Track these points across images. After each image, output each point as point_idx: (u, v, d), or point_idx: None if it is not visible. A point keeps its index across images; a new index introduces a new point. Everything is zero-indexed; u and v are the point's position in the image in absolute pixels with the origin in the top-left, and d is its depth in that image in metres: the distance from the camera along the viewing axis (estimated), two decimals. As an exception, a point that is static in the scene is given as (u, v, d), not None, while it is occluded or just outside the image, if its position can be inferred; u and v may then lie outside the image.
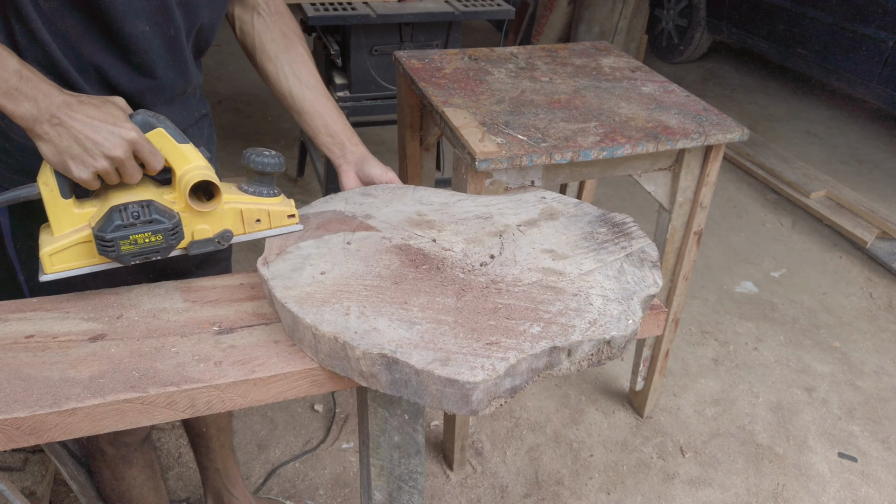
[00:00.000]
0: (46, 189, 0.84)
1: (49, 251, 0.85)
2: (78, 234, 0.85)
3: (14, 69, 0.78)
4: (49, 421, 0.73)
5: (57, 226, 0.85)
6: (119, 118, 0.82)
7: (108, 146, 0.80)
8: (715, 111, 1.66)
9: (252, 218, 0.93)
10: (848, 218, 3.20)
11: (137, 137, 0.82)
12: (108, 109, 0.82)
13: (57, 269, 0.86)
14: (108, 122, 0.81)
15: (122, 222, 0.83)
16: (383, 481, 0.99)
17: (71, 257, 0.86)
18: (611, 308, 0.86)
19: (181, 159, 0.87)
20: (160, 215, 0.85)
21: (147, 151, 0.84)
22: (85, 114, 0.80)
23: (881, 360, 2.50)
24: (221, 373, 0.79)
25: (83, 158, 0.80)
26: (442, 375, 0.73)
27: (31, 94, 0.79)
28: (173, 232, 0.86)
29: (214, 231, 0.91)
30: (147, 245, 0.85)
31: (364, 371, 0.78)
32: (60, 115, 0.79)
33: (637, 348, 2.10)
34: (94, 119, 0.81)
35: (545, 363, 0.80)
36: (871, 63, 3.89)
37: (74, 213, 0.85)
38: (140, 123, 0.84)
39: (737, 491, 1.98)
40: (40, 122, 0.79)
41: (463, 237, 1.00)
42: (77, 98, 0.82)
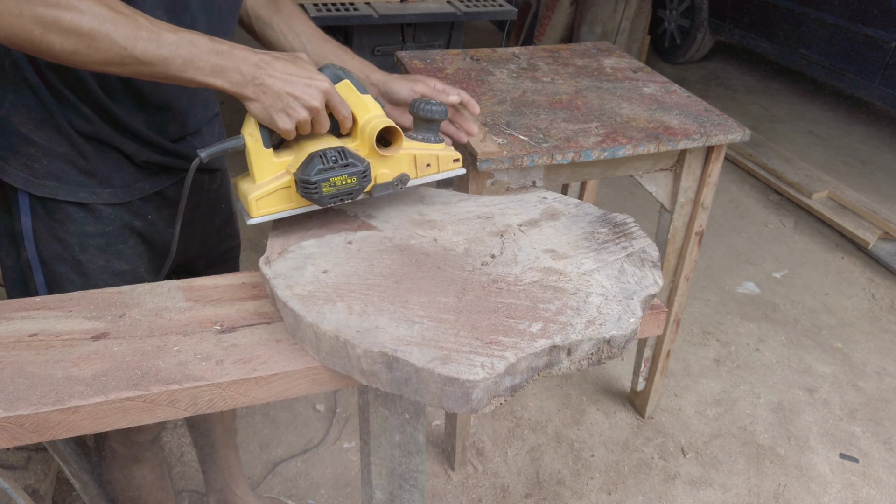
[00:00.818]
0: (252, 140, 0.91)
1: (255, 196, 0.91)
2: (278, 180, 0.92)
3: (209, 48, 0.84)
4: (52, 419, 0.74)
5: (259, 173, 0.92)
6: (312, 71, 0.89)
7: (307, 98, 0.87)
8: (716, 112, 1.67)
9: (423, 162, 0.99)
10: (850, 219, 3.20)
11: (330, 88, 0.89)
12: (300, 64, 0.89)
13: (263, 213, 0.93)
14: (302, 76, 0.87)
15: (322, 166, 0.89)
16: (384, 480, 0.99)
17: (274, 202, 0.93)
18: (611, 307, 0.86)
19: (363, 109, 0.93)
20: (354, 159, 0.91)
21: (338, 101, 0.90)
22: (282, 70, 0.86)
23: (883, 360, 2.50)
24: (223, 371, 0.79)
25: (287, 111, 0.87)
26: (442, 374, 0.73)
27: (233, 66, 0.85)
28: (365, 174, 0.92)
29: (394, 175, 0.97)
30: (344, 187, 0.91)
31: (365, 369, 0.78)
32: (261, 75, 0.85)
33: (638, 348, 2.10)
34: (291, 74, 0.87)
35: (545, 362, 0.80)
36: (874, 64, 3.89)
37: (274, 161, 0.92)
38: (329, 76, 0.92)
39: (738, 491, 1.98)
40: (246, 85, 0.86)
41: (464, 237, 1.00)
42: (271, 55, 0.88)
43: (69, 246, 1.05)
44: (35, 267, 1.06)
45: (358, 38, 2.46)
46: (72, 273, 1.06)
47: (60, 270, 1.06)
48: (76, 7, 0.77)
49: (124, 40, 0.80)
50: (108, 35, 0.79)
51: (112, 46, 0.80)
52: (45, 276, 1.07)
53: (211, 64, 0.84)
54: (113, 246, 1.08)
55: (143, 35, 0.80)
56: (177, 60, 0.83)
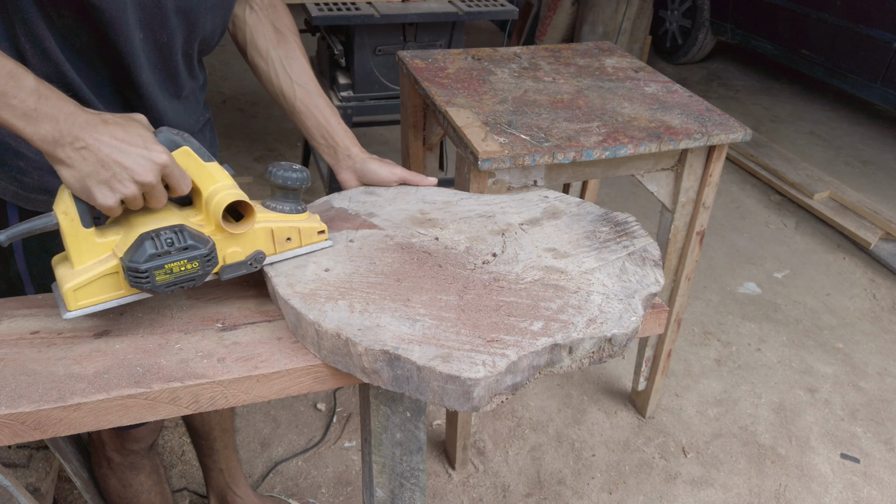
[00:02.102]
0: (66, 219, 0.77)
1: (73, 286, 0.78)
2: (102, 265, 0.79)
3: (31, 88, 0.72)
4: (54, 416, 0.74)
5: (78, 258, 0.78)
6: (147, 139, 0.77)
7: (139, 171, 0.75)
8: (718, 111, 1.67)
9: (283, 237, 0.88)
10: (852, 219, 3.20)
11: (168, 161, 0.77)
12: (134, 130, 0.77)
13: (82, 305, 0.80)
14: (136, 145, 0.76)
15: (155, 251, 0.77)
16: (385, 478, 0.99)
17: (97, 290, 0.80)
18: (612, 306, 0.86)
19: (208, 179, 0.82)
20: (195, 240, 0.79)
21: (178, 176, 0.79)
22: (111, 135, 0.75)
23: (884, 361, 2.50)
24: (224, 369, 0.79)
25: (110, 184, 0.75)
26: (443, 372, 0.73)
27: (52, 114, 0.73)
28: (209, 258, 0.81)
29: (246, 253, 0.86)
30: (182, 273, 0.79)
31: (366, 367, 0.78)
32: (85, 136, 0.73)
33: (639, 348, 2.10)
34: (122, 141, 0.75)
35: (546, 360, 0.81)
36: (876, 64, 3.89)
37: (97, 242, 0.79)
38: (166, 143, 0.80)
39: (739, 491, 1.98)
40: (62, 145, 0.73)
41: (465, 235, 1.00)
42: (100, 117, 0.76)
43: None
44: (26, 281, 1.06)
45: (359, 38, 2.46)
46: None
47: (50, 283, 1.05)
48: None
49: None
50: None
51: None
52: (37, 289, 1.06)
53: (26, 106, 0.71)
54: None
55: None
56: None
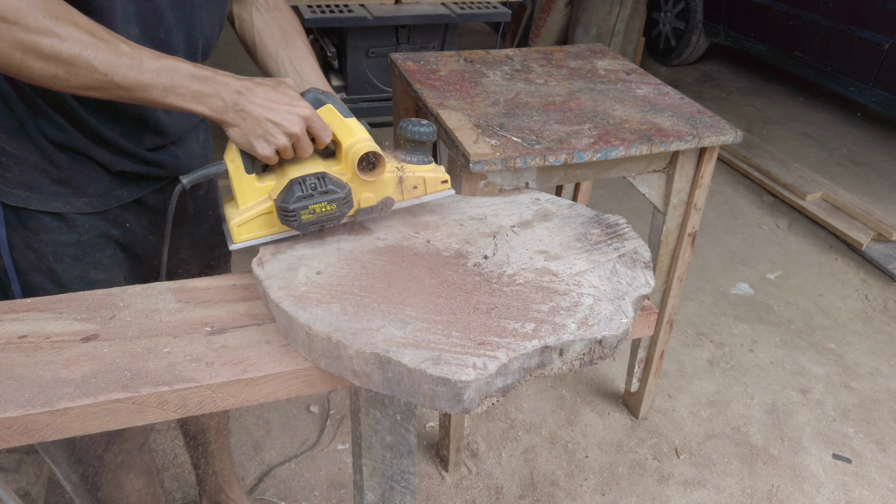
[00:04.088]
0: (233, 166, 0.92)
1: (237, 222, 0.92)
2: (261, 205, 0.93)
3: (190, 74, 0.85)
4: (41, 420, 0.73)
5: (242, 199, 0.93)
6: (293, 97, 0.89)
7: (287, 124, 0.87)
8: (709, 113, 1.67)
9: (410, 185, 0.98)
10: (844, 220, 3.21)
11: (311, 114, 0.89)
12: (282, 90, 0.89)
13: (244, 238, 0.94)
14: (283, 103, 0.88)
15: (301, 193, 0.89)
16: (376, 481, 0.99)
17: (256, 227, 0.93)
18: (602, 308, 0.86)
19: (347, 132, 0.92)
20: (334, 185, 0.90)
21: (319, 126, 0.90)
22: (263, 97, 0.87)
23: (876, 361, 2.51)
24: (213, 373, 0.79)
25: (266, 137, 0.88)
26: (434, 374, 0.73)
27: (214, 92, 0.86)
28: (346, 201, 0.92)
29: (378, 198, 0.96)
30: (323, 213, 0.91)
31: (357, 370, 0.78)
32: (241, 102, 0.86)
33: (632, 350, 2.10)
34: (272, 101, 0.87)
35: (537, 362, 0.81)
36: (868, 66, 3.91)
37: (256, 186, 0.93)
38: (311, 100, 0.92)
39: (731, 492, 1.98)
40: (226, 111, 0.87)
41: (457, 238, 1.00)
42: (253, 81, 0.88)
43: (44, 255, 1.04)
44: (12, 276, 1.05)
45: (352, 40, 2.46)
46: (47, 282, 1.05)
47: (35, 280, 1.05)
48: (56, 33, 0.78)
49: (105, 66, 0.80)
50: (88, 61, 0.79)
51: (92, 73, 0.80)
52: (22, 285, 1.06)
53: (192, 90, 0.85)
54: (89, 255, 1.07)
55: (125, 61, 0.81)
56: (157, 86, 0.83)
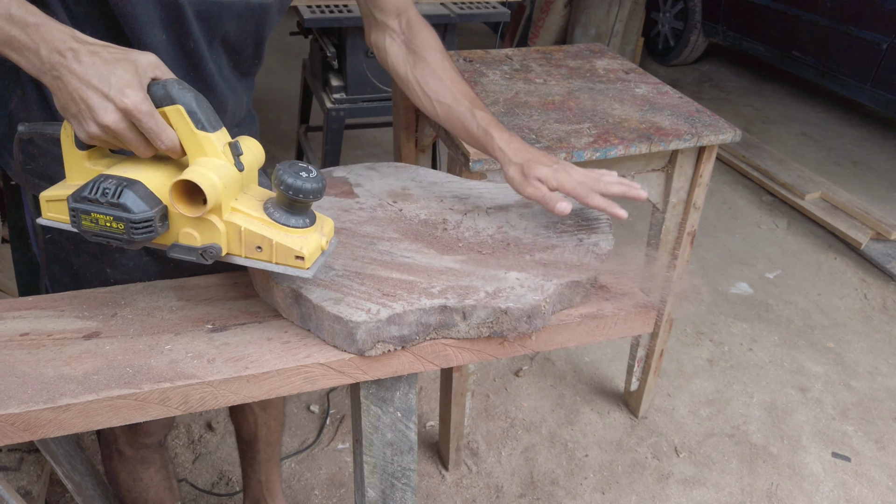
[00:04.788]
0: (65, 134, 0.78)
1: (49, 196, 0.79)
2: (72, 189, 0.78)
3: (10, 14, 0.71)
4: (43, 417, 0.74)
5: (69, 174, 0.81)
6: (125, 82, 0.70)
7: (99, 111, 0.71)
8: (708, 112, 1.68)
9: (252, 243, 0.79)
10: (842, 219, 3.22)
11: (132, 107, 0.70)
12: (115, 68, 0.71)
13: (50, 217, 0.80)
14: (105, 83, 0.70)
15: (88, 195, 0.73)
16: (376, 479, 0.99)
17: (64, 210, 0.78)
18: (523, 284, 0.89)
19: (196, 148, 0.75)
20: (132, 202, 0.72)
21: (147, 127, 0.72)
22: (86, 70, 0.70)
23: (875, 360, 2.51)
24: (214, 370, 0.80)
25: (79, 119, 0.72)
26: (331, 312, 0.81)
27: (31, 43, 0.71)
28: (139, 225, 0.73)
29: (202, 241, 0.78)
30: (108, 229, 0.74)
31: (280, 303, 0.87)
32: (59, 67, 0.71)
33: (631, 349, 2.11)
34: (93, 77, 0.70)
35: (438, 321, 0.86)
36: (866, 66, 3.91)
37: (85, 166, 0.79)
38: (157, 94, 0.73)
39: (731, 491, 1.99)
40: (44, 73, 0.72)
41: (429, 210, 1.05)
42: (88, 48, 0.72)
43: (64, 248, 1.04)
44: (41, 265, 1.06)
45: (352, 40, 2.46)
46: (65, 276, 1.06)
47: (56, 271, 1.06)
48: None
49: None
50: None
51: None
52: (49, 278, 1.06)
53: (5, 33, 0.71)
54: (108, 254, 1.05)
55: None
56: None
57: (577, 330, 0.93)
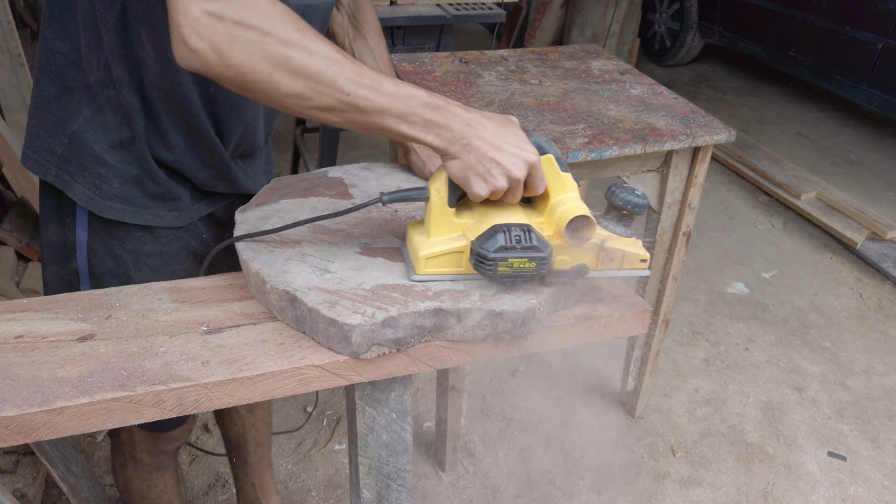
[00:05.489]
0: (437, 195, 0.87)
1: (427, 254, 0.88)
2: (454, 242, 0.88)
3: (424, 102, 0.80)
4: (37, 420, 0.74)
5: (435, 230, 0.89)
6: (522, 140, 0.84)
7: (512, 168, 0.82)
8: (702, 113, 1.68)
9: (608, 256, 0.91)
10: (838, 219, 3.22)
11: (536, 162, 0.84)
12: (511, 129, 0.84)
13: (428, 272, 0.89)
14: (512, 144, 0.82)
15: (505, 244, 0.84)
16: (372, 480, 0.99)
17: (443, 263, 0.89)
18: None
19: (560, 187, 0.88)
20: (539, 243, 0.85)
21: (539, 177, 0.85)
22: (492, 134, 0.82)
23: (871, 359, 2.52)
24: (209, 372, 0.80)
25: (485, 177, 0.82)
26: (327, 315, 0.82)
27: (445, 123, 0.81)
28: (545, 261, 0.86)
29: (572, 263, 0.90)
30: (520, 269, 0.85)
31: (274, 304, 0.88)
32: (469, 136, 0.81)
33: (628, 349, 2.11)
34: (501, 140, 0.82)
35: (433, 323, 0.86)
36: (861, 66, 3.92)
37: (454, 221, 0.89)
38: (535, 145, 0.85)
39: (727, 490, 1.99)
40: (453, 143, 0.82)
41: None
42: (483, 115, 0.84)
43: (123, 263, 1.05)
44: (84, 279, 1.06)
45: (348, 41, 2.46)
46: None
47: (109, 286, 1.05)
48: (306, 47, 0.74)
49: (348, 85, 0.76)
50: (333, 79, 0.75)
51: (336, 91, 0.76)
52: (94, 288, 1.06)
53: (424, 119, 0.80)
54: (168, 266, 1.07)
55: (366, 82, 0.77)
56: (393, 112, 0.79)
57: (572, 331, 0.93)
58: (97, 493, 1.48)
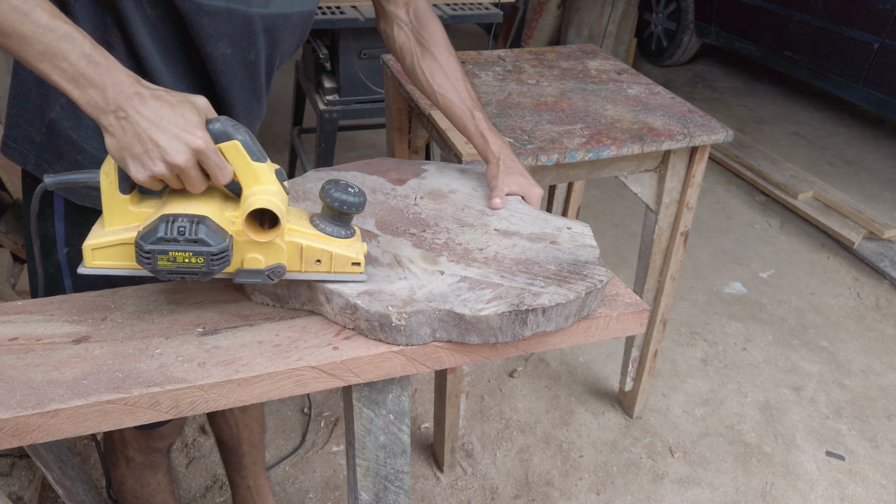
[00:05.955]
0: (106, 180, 0.79)
1: (92, 245, 0.80)
2: (126, 233, 0.80)
3: (83, 52, 0.72)
4: (32, 422, 0.73)
5: (109, 219, 0.81)
6: (191, 122, 0.75)
7: (171, 151, 0.73)
8: (700, 113, 1.68)
9: (312, 257, 0.84)
10: (835, 218, 3.23)
11: (204, 147, 0.75)
12: (182, 111, 0.75)
13: (96, 265, 0.81)
14: (176, 125, 0.74)
15: (164, 235, 0.76)
16: (369, 482, 0.99)
17: (113, 255, 0.81)
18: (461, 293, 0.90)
19: (252, 178, 0.79)
20: (208, 236, 0.77)
21: (213, 164, 0.76)
22: (154, 112, 0.74)
23: (868, 359, 2.52)
24: (205, 373, 0.79)
25: (142, 159, 0.74)
26: None
27: (100, 82, 0.73)
28: (218, 257, 0.78)
29: (267, 263, 0.83)
30: (186, 265, 0.78)
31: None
32: (127, 108, 0.73)
33: (626, 349, 2.11)
34: (163, 119, 0.74)
35: None
36: (858, 65, 3.93)
37: (130, 210, 0.80)
38: (215, 132, 0.77)
39: (725, 490, 1.99)
40: (106, 112, 0.73)
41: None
42: (152, 92, 0.75)
43: None
44: (65, 272, 1.05)
45: (344, 42, 2.46)
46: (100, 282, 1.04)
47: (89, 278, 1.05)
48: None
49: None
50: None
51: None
52: (75, 282, 1.06)
53: (75, 68, 0.72)
54: None
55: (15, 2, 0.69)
56: (36, 44, 0.71)
57: (570, 331, 0.93)
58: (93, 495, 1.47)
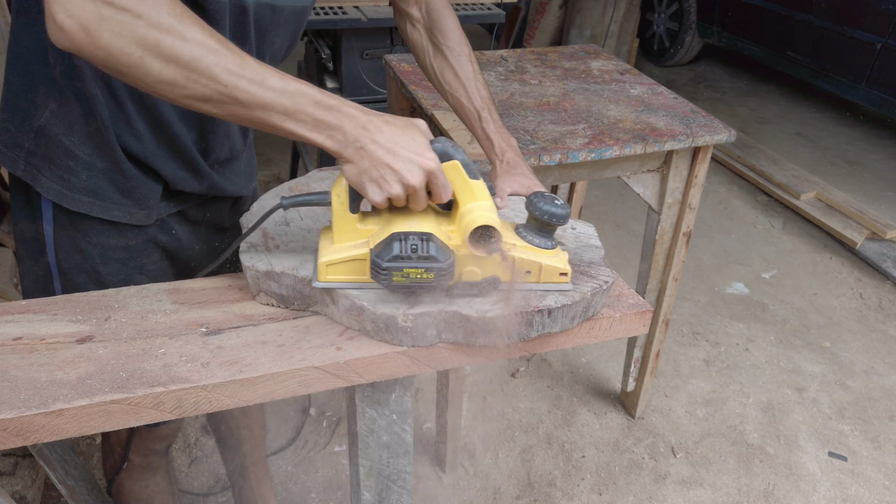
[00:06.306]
0: (338, 201, 0.84)
1: (328, 261, 0.85)
2: (356, 249, 0.85)
3: (315, 101, 0.76)
4: (36, 422, 0.73)
5: (339, 236, 0.86)
6: (421, 146, 0.79)
7: (406, 174, 0.78)
8: (702, 113, 1.68)
9: (523, 268, 0.87)
10: (838, 219, 3.22)
11: (435, 169, 0.79)
12: (411, 134, 0.80)
13: (330, 279, 0.86)
14: (408, 149, 0.78)
15: (399, 252, 0.81)
16: (372, 481, 0.99)
17: (345, 271, 0.86)
18: None
19: (469, 195, 0.84)
20: (437, 252, 0.81)
21: (440, 184, 0.81)
22: (388, 138, 0.78)
23: (871, 359, 2.52)
24: (209, 373, 0.79)
25: (380, 183, 0.79)
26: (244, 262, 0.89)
27: (338, 124, 0.77)
28: (445, 272, 0.82)
29: (483, 275, 0.86)
30: (417, 279, 0.82)
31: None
32: (364, 139, 0.78)
33: (628, 349, 2.11)
34: (397, 145, 0.78)
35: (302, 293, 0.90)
36: (860, 66, 3.93)
37: (357, 228, 0.86)
38: (438, 152, 0.81)
39: (728, 491, 1.99)
40: (346, 146, 0.78)
41: None
42: (381, 119, 0.80)
43: (90, 257, 1.04)
44: (54, 274, 1.05)
45: (347, 42, 2.46)
46: (91, 284, 1.05)
47: (79, 281, 1.05)
48: (180, 33, 0.70)
49: (226, 76, 0.72)
50: (208, 68, 0.71)
51: (211, 81, 0.72)
52: (63, 284, 1.05)
53: (314, 118, 0.76)
54: (135, 259, 1.06)
55: (247, 74, 0.73)
56: (278, 108, 0.75)
57: (574, 332, 0.93)
58: (96, 495, 1.47)
